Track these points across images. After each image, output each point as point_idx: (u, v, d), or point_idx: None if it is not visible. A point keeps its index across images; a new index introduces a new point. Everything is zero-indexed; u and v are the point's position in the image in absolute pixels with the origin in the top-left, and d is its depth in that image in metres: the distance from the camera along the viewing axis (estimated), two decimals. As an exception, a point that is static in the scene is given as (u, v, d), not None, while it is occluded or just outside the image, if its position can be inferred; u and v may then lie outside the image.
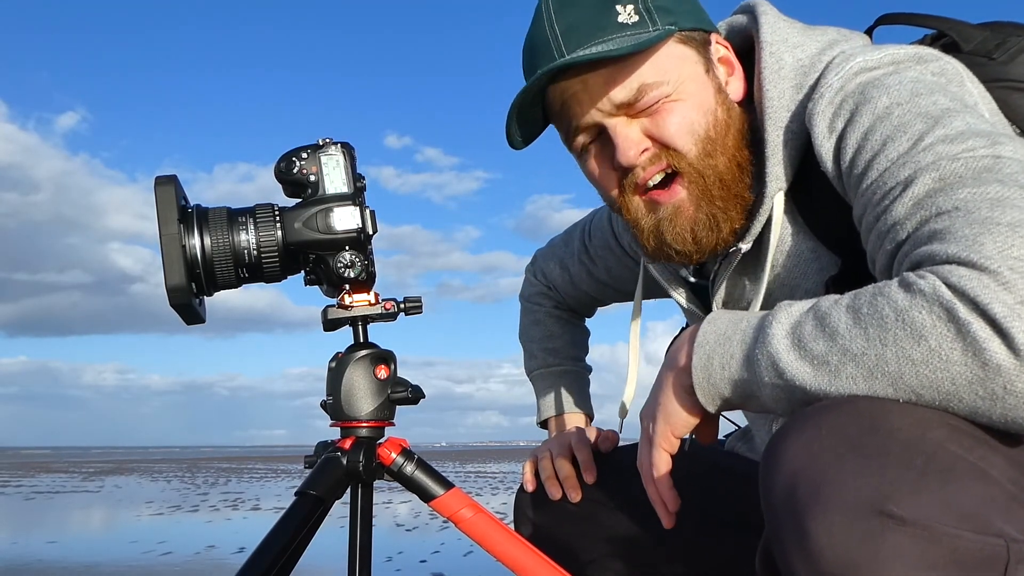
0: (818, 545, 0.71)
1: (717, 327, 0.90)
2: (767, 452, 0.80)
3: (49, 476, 14.25)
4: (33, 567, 4.05)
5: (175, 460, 26.01)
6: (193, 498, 8.52)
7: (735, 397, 0.89)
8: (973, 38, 1.07)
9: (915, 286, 0.76)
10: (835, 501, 0.71)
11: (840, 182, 0.98)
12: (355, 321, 1.13)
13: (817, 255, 1.05)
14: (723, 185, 1.06)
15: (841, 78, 0.99)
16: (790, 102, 1.04)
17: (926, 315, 0.75)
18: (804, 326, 0.82)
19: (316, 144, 1.10)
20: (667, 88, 1.04)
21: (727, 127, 1.07)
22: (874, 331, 0.77)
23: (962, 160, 0.85)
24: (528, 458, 1.39)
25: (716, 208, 1.06)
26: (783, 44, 1.06)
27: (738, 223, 1.07)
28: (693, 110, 1.05)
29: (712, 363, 0.89)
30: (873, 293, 0.80)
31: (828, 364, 0.79)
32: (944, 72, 1.00)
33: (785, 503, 0.74)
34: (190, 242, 1.05)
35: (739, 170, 1.07)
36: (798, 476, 0.74)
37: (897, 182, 0.88)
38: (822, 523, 0.71)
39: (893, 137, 0.91)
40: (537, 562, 1.08)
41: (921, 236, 0.82)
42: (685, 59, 1.06)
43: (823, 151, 0.98)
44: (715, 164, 1.05)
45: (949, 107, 0.92)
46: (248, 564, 0.99)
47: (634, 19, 1.04)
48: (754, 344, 0.85)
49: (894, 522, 0.69)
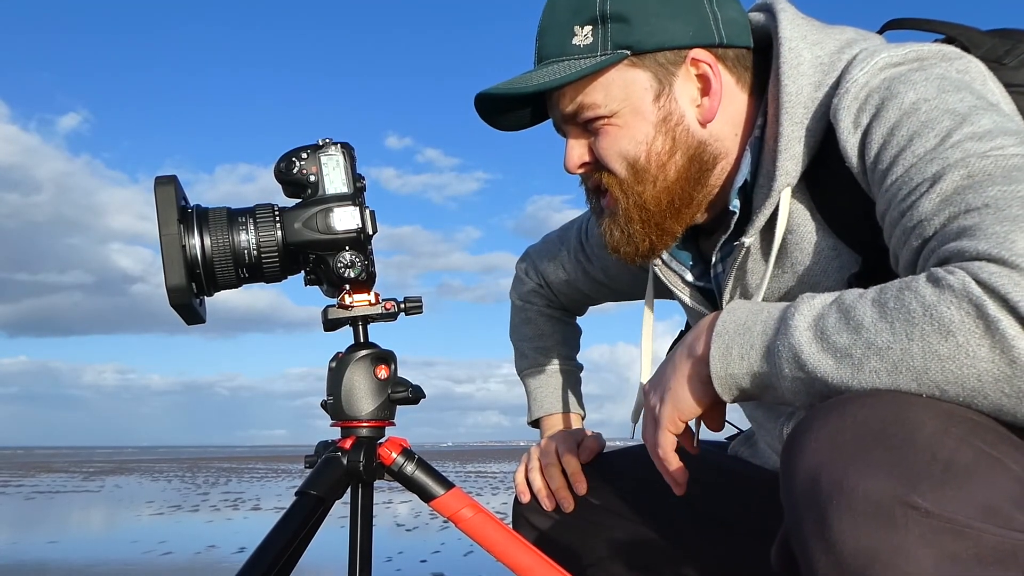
0: (840, 536, 0.71)
1: (737, 317, 0.90)
2: (788, 445, 0.79)
3: (49, 476, 14.26)
4: (33, 567, 4.05)
5: (175, 460, 26.02)
6: (193, 498, 8.52)
7: (753, 388, 0.89)
8: (983, 44, 1.07)
9: (944, 281, 0.76)
10: (859, 492, 0.71)
11: (864, 178, 0.97)
12: (355, 321, 1.13)
13: (838, 252, 1.04)
14: (646, 213, 1.09)
15: (866, 73, 0.98)
16: (808, 99, 1.03)
17: (955, 311, 0.74)
18: (827, 318, 0.82)
19: (316, 144, 1.10)
20: (604, 111, 1.08)
21: (667, 157, 1.08)
22: (900, 325, 0.77)
23: (992, 158, 0.84)
24: (518, 467, 1.39)
25: (633, 229, 1.10)
26: (802, 41, 1.06)
27: (659, 245, 1.12)
28: (625, 138, 1.08)
29: (731, 353, 0.89)
30: (900, 287, 0.80)
31: (851, 357, 0.79)
32: (968, 70, 1.00)
33: (807, 494, 0.74)
34: (190, 242, 1.05)
35: (669, 203, 1.09)
36: (821, 468, 0.74)
37: (924, 178, 0.87)
38: (845, 514, 0.71)
39: (920, 133, 0.91)
40: (537, 562, 1.08)
41: (949, 232, 0.82)
42: (632, 84, 1.07)
43: (848, 146, 0.97)
44: (642, 191, 1.09)
45: (976, 104, 0.92)
46: (248, 564, 0.99)
47: (588, 41, 1.06)
48: (775, 335, 0.85)
49: (918, 514, 0.69)
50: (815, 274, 1.06)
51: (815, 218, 1.05)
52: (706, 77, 1.08)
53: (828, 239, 1.05)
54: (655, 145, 1.07)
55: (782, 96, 1.03)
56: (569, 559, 1.27)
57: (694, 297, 1.21)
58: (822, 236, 1.05)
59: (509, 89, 1.09)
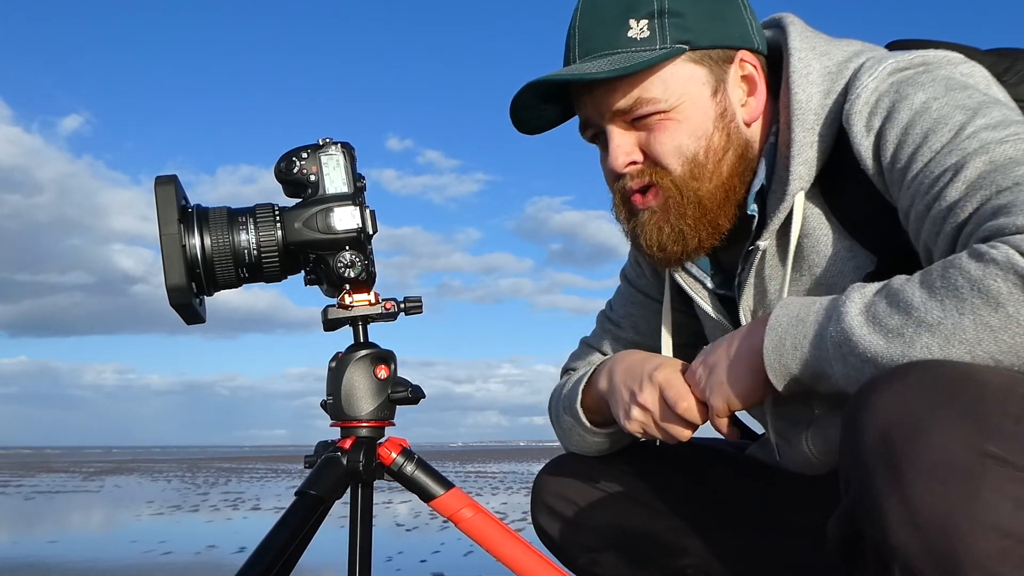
0: (916, 489, 0.72)
1: (790, 311, 0.94)
2: (852, 408, 0.80)
3: (49, 476, 14.26)
4: (33, 567, 4.05)
5: (175, 460, 26.02)
6: (193, 498, 8.52)
7: (806, 376, 0.92)
8: (982, 62, 1.09)
9: (987, 256, 0.78)
10: (934, 444, 0.72)
11: (881, 179, 1.00)
12: (355, 321, 1.13)
13: (853, 253, 1.06)
14: (700, 208, 1.09)
15: (875, 79, 1.01)
16: (818, 106, 1.05)
17: (1001, 283, 0.77)
18: (878, 304, 0.84)
19: (316, 144, 1.10)
20: (663, 105, 1.07)
21: (723, 153, 1.09)
22: (950, 302, 0.79)
23: (1010, 143, 0.87)
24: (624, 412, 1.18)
25: (684, 224, 1.09)
26: (811, 52, 1.08)
27: (708, 242, 1.11)
28: (686, 133, 1.07)
29: (784, 344, 0.92)
30: (944, 266, 0.82)
31: (903, 336, 0.81)
32: (973, 74, 1.03)
33: (877, 452, 0.75)
34: (190, 242, 1.05)
35: (724, 198, 1.10)
36: (891, 424, 0.75)
37: (945, 169, 0.90)
38: (920, 466, 0.72)
39: (934, 129, 0.93)
40: (537, 562, 1.08)
41: (984, 213, 0.84)
42: (691, 79, 1.08)
43: (862, 149, 1.00)
44: (698, 188, 1.08)
45: (984, 100, 0.95)
46: (248, 564, 0.99)
47: (644, 35, 1.06)
48: (827, 323, 0.88)
49: (995, 462, 0.71)
50: (832, 275, 1.07)
51: (830, 221, 1.07)
52: (752, 79, 1.11)
53: (843, 240, 1.07)
54: (713, 140, 1.08)
55: (793, 104, 1.06)
56: (575, 550, 1.29)
57: (714, 305, 1.22)
58: (837, 238, 1.07)
59: (571, 75, 1.07)
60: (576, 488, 1.33)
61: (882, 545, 0.74)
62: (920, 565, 0.71)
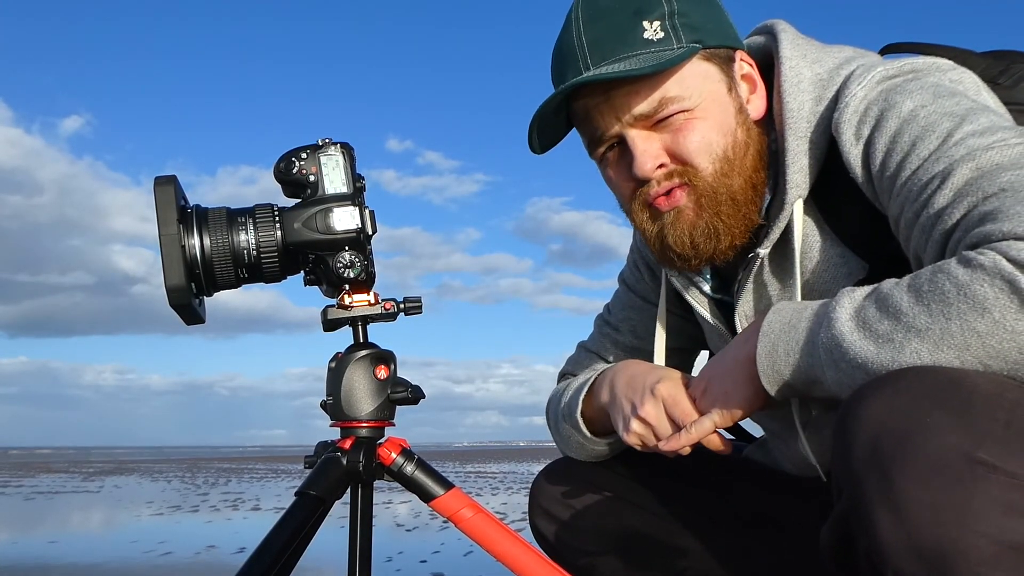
0: (905, 493, 0.72)
1: (783, 316, 0.94)
2: (843, 414, 0.81)
3: (49, 476, 14.25)
4: (33, 567, 4.04)
5: (175, 460, 26.01)
6: (193, 498, 8.51)
7: (798, 383, 0.92)
8: (977, 65, 1.10)
9: (975, 261, 0.79)
10: (924, 450, 0.72)
11: (870, 187, 1.00)
12: (355, 321, 1.13)
13: (845, 260, 1.07)
14: (734, 204, 1.08)
15: (864, 87, 1.01)
16: (810, 113, 1.06)
17: (988, 288, 0.77)
18: (867, 309, 0.84)
19: (315, 144, 1.10)
20: (688, 103, 1.06)
21: (746, 147, 1.09)
22: (937, 307, 0.79)
23: (996, 149, 0.87)
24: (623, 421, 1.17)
25: (719, 221, 1.08)
26: (802, 59, 1.09)
27: (739, 239, 1.10)
28: (713, 130, 1.07)
29: (777, 350, 0.92)
30: (932, 272, 0.82)
31: (892, 342, 0.81)
32: (962, 80, 1.03)
33: (868, 458, 0.75)
34: (189, 242, 1.05)
35: (753, 191, 1.09)
36: (881, 431, 0.75)
37: (933, 176, 0.90)
38: (910, 472, 0.72)
39: (922, 137, 0.94)
40: (537, 562, 1.08)
41: (972, 219, 0.84)
42: (708, 77, 1.08)
43: (851, 158, 1.00)
44: (730, 184, 1.07)
45: (972, 107, 0.95)
46: (248, 564, 0.99)
47: (659, 36, 1.05)
48: (818, 329, 0.88)
49: (985, 468, 0.71)
50: (824, 282, 1.08)
51: (822, 228, 1.08)
52: (751, 78, 1.12)
53: (835, 248, 1.07)
54: (737, 135, 1.08)
55: (785, 112, 1.06)
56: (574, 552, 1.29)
57: (711, 310, 1.22)
58: (830, 245, 1.07)
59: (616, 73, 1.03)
60: (573, 492, 1.33)
61: (874, 552, 0.75)
62: (912, 571, 0.72)
